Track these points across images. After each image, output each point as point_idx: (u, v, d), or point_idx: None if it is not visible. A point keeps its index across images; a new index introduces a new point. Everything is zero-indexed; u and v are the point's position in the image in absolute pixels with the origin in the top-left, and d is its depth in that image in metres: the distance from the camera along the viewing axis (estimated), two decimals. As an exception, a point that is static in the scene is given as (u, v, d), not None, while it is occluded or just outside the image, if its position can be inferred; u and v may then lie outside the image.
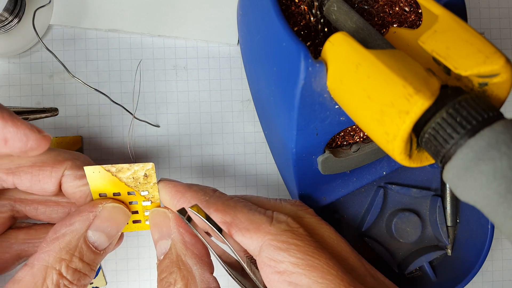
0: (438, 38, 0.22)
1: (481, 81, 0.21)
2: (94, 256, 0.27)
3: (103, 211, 0.27)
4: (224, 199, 0.28)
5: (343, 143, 0.30)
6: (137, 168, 0.27)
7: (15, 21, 0.34)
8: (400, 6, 0.29)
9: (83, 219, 0.27)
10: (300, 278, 0.24)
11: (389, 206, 0.34)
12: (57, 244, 0.26)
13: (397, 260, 0.35)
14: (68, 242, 0.26)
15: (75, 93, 0.35)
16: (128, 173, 0.27)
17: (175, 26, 0.35)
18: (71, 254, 0.26)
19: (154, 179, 0.28)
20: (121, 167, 0.27)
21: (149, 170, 0.27)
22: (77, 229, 0.26)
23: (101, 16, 0.35)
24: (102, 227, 0.27)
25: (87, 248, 0.26)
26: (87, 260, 0.26)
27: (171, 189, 0.28)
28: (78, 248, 0.26)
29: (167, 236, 0.28)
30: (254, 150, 0.37)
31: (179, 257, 0.27)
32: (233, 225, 0.26)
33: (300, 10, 0.28)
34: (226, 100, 0.36)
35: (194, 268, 0.27)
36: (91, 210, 0.27)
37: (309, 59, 0.24)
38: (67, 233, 0.26)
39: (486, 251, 0.32)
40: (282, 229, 0.25)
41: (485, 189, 0.18)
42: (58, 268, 0.25)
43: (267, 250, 0.25)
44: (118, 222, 0.28)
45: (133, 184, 0.28)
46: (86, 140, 0.35)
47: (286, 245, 0.25)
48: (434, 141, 0.20)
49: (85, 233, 0.26)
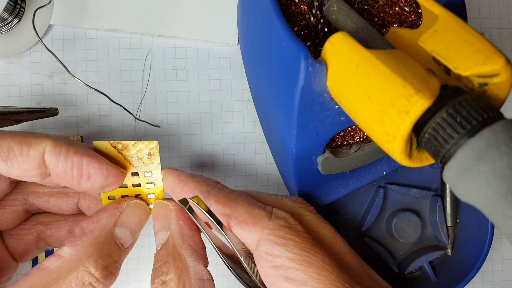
0: (438, 38, 0.22)
1: (481, 81, 0.21)
2: (120, 253, 0.27)
3: (127, 208, 0.28)
4: (225, 192, 0.28)
5: (343, 143, 0.30)
6: (142, 146, 0.28)
7: (15, 21, 0.34)
8: (400, 6, 0.29)
9: (109, 215, 0.27)
10: (296, 273, 0.24)
11: (389, 206, 0.34)
12: (86, 240, 0.26)
13: (397, 260, 0.35)
14: (96, 237, 0.26)
15: (75, 93, 0.35)
16: (133, 151, 0.28)
17: (175, 26, 0.35)
18: (100, 250, 0.26)
19: (157, 159, 0.28)
20: (126, 144, 0.28)
21: (153, 148, 0.28)
22: (105, 224, 0.27)
23: (101, 16, 0.35)
24: (127, 223, 0.27)
25: (114, 244, 0.27)
26: (115, 257, 0.26)
27: (174, 177, 0.29)
28: (106, 244, 0.26)
29: (166, 227, 0.28)
30: (254, 150, 0.37)
31: (175, 247, 0.27)
32: (232, 218, 0.26)
33: (300, 10, 0.28)
34: (226, 100, 0.36)
35: (188, 260, 0.27)
36: (117, 206, 0.28)
37: (309, 59, 0.24)
38: (95, 229, 0.27)
39: (486, 251, 0.32)
40: (280, 224, 0.26)
41: (485, 189, 0.18)
42: (86, 264, 0.25)
43: (265, 244, 0.25)
44: (141, 218, 0.28)
45: (137, 164, 0.28)
46: (86, 140, 0.35)
47: (283, 240, 0.25)
48: (434, 141, 0.20)
49: (113, 229, 0.27)
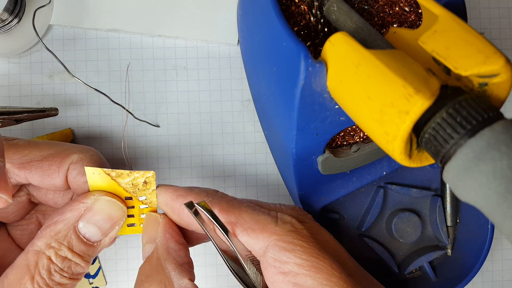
0: (438, 38, 0.22)
1: (481, 81, 0.21)
2: (86, 248, 0.27)
3: (96, 203, 0.27)
4: (227, 199, 0.28)
5: (343, 143, 0.30)
6: (137, 175, 0.27)
7: (15, 21, 0.34)
8: (400, 6, 0.29)
9: (73, 209, 0.27)
10: (305, 279, 0.24)
11: (389, 206, 0.34)
12: (48, 231, 0.26)
13: (397, 260, 0.35)
14: (58, 231, 0.26)
15: (75, 93, 0.35)
16: (127, 179, 0.27)
17: (175, 26, 0.35)
18: (60, 242, 0.26)
19: (153, 186, 0.28)
20: (121, 173, 0.27)
21: (149, 177, 0.27)
22: (68, 218, 0.26)
23: (101, 16, 0.35)
24: (94, 219, 0.27)
25: (77, 239, 0.26)
26: (78, 251, 0.26)
27: (172, 193, 0.28)
28: (67, 237, 0.26)
29: (153, 240, 0.28)
30: (254, 150, 0.37)
31: (159, 261, 0.27)
32: (238, 225, 0.26)
33: (300, 10, 0.28)
34: (226, 100, 0.36)
35: (172, 273, 0.26)
36: (82, 201, 0.27)
37: (309, 59, 0.24)
38: (58, 221, 0.26)
39: (486, 251, 0.32)
40: (287, 229, 0.25)
41: (485, 189, 0.18)
42: (48, 254, 0.25)
43: (273, 251, 0.25)
44: (112, 216, 0.27)
45: (132, 190, 0.28)
46: (86, 141, 0.35)
47: (291, 246, 0.25)
48: (434, 141, 0.20)
49: (76, 224, 0.26)
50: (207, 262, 0.36)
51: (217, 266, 0.36)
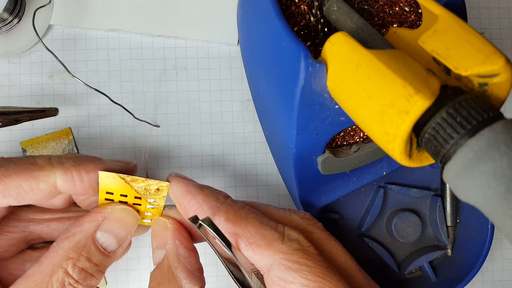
0: (438, 38, 0.22)
1: (481, 81, 0.21)
2: (103, 258, 0.27)
3: (112, 212, 0.28)
4: (235, 209, 0.27)
5: (343, 143, 0.30)
6: (152, 183, 0.28)
7: (15, 21, 0.34)
8: (400, 6, 0.29)
9: (92, 220, 0.27)
10: None
11: (389, 206, 0.34)
12: (66, 243, 0.26)
13: (397, 260, 0.35)
14: (77, 242, 0.26)
15: (75, 93, 0.35)
16: (141, 184, 0.28)
17: (175, 26, 0.35)
18: (79, 253, 0.26)
19: (164, 193, 0.28)
20: (136, 179, 0.27)
21: (163, 187, 0.28)
22: (86, 229, 0.27)
23: (101, 16, 0.35)
24: (111, 228, 0.27)
25: (95, 249, 0.26)
26: (95, 261, 0.26)
27: (182, 188, 0.28)
28: (86, 248, 0.26)
29: (162, 246, 0.28)
30: (254, 150, 0.37)
31: (170, 268, 0.27)
32: (243, 238, 0.26)
33: (300, 10, 0.28)
34: (226, 100, 0.36)
35: (184, 282, 0.27)
36: (100, 211, 0.28)
37: (309, 59, 0.24)
38: (76, 232, 0.26)
39: (486, 251, 0.32)
40: (293, 247, 0.25)
41: (485, 189, 0.18)
42: (65, 266, 0.25)
43: (278, 270, 0.24)
44: (127, 224, 0.28)
45: (143, 193, 0.28)
46: (86, 140, 0.35)
47: (297, 265, 0.24)
48: (434, 141, 0.20)
49: (94, 234, 0.27)
50: (207, 262, 0.36)
51: (217, 266, 0.36)
